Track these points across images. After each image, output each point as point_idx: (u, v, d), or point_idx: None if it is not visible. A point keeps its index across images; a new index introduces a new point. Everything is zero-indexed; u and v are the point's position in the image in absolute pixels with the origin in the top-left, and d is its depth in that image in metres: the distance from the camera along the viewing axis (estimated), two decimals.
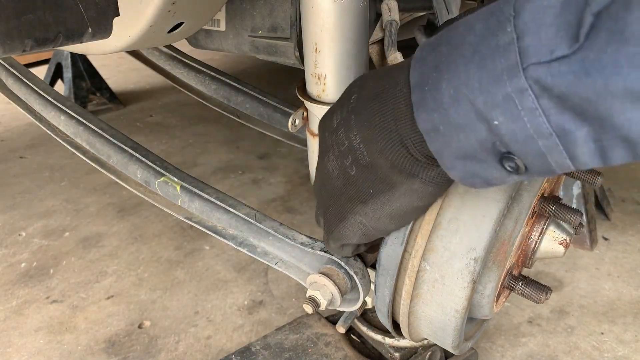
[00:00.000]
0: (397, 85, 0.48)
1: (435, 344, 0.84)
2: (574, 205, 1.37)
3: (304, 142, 0.92)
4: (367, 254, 0.72)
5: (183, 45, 1.02)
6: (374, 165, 0.51)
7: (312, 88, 0.69)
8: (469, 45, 0.39)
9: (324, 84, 0.67)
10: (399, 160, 0.49)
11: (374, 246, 0.67)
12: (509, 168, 0.41)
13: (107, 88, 2.56)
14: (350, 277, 0.69)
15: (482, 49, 0.38)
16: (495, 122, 0.39)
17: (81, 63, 2.45)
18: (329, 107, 0.61)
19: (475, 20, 0.40)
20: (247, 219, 0.78)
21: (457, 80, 0.40)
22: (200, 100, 1.13)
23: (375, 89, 0.50)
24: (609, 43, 0.32)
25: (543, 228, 0.64)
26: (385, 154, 0.49)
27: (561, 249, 0.65)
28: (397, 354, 0.86)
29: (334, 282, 0.67)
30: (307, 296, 0.69)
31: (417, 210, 0.56)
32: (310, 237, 0.75)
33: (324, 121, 0.57)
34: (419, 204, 0.54)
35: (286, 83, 2.69)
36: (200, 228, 0.83)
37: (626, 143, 0.35)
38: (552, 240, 0.65)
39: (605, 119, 0.34)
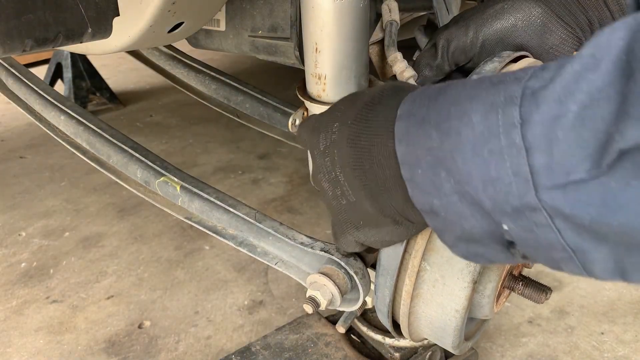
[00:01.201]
0: (376, 145, 0.45)
1: (436, 344, 0.84)
2: None
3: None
4: (367, 254, 0.72)
5: (183, 45, 1.01)
6: (359, 205, 0.51)
7: (312, 88, 0.69)
8: (466, 141, 0.36)
9: (324, 84, 0.67)
10: (382, 211, 0.49)
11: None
12: (515, 254, 0.39)
13: (107, 88, 2.56)
14: (350, 277, 0.69)
15: (483, 152, 0.35)
16: (505, 227, 0.36)
17: (81, 63, 2.45)
18: (329, 107, 0.60)
19: (470, 106, 0.36)
20: (247, 218, 0.78)
21: (458, 175, 0.37)
22: (200, 100, 1.13)
23: (354, 134, 0.48)
24: (634, 177, 0.29)
25: None
26: (370, 202, 0.49)
27: None
28: (397, 354, 0.86)
29: (334, 282, 0.67)
30: (307, 296, 0.69)
31: (407, 238, 0.58)
32: (310, 237, 0.75)
33: (311, 138, 0.55)
34: (406, 237, 0.56)
35: (286, 83, 2.69)
36: (200, 228, 0.83)
37: None
38: None
39: (628, 248, 0.32)
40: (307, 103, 0.71)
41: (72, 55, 2.40)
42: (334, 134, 0.51)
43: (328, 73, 0.66)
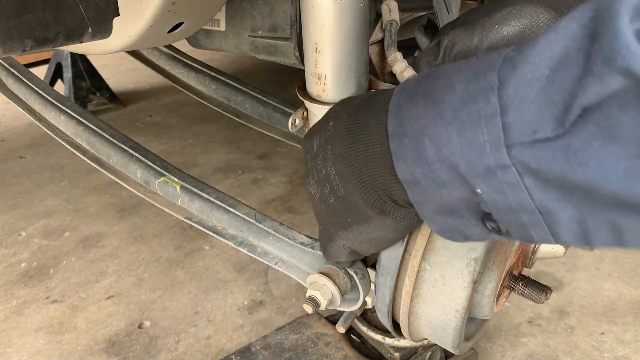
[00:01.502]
0: (370, 124, 0.47)
1: (436, 344, 0.84)
2: None
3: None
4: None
5: (183, 45, 1.01)
6: (348, 198, 0.52)
7: (312, 88, 0.69)
8: (448, 106, 0.38)
9: (324, 84, 0.67)
10: (370, 199, 0.49)
11: None
12: (490, 227, 0.41)
13: (107, 88, 2.56)
14: (350, 277, 0.69)
15: (462, 115, 0.37)
16: (478, 190, 0.38)
17: (81, 63, 2.45)
18: (329, 107, 0.61)
19: (455, 77, 0.39)
20: (247, 218, 0.78)
21: (439, 141, 0.38)
22: (200, 100, 1.13)
23: (349, 122, 0.50)
24: (596, 137, 0.31)
25: None
26: (358, 190, 0.50)
27: (561, 249, 0.65)
28: (397, 354, 0.86)
29: (334, 282, 0.67)
30: (307, 296, 0.69)
31: (393, 240, 0.57)
32: (310, 237, 0.75)
33: (306, 142, 0.57)
34: (393, 235, 0.55)
35: (286, 83, 2.69)
36: (200, 228, 0.83)
37: (612, 228, 0.34)
38: None
39: (591, 205, 0.33)
40: (307, 103, 0.71)
41: (72, 55, 2.40)
42: (328, 132, 0.52)
43: (328, 73, 0.66)
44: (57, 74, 2.48)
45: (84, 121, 0.97)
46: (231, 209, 0.80)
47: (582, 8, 0.32)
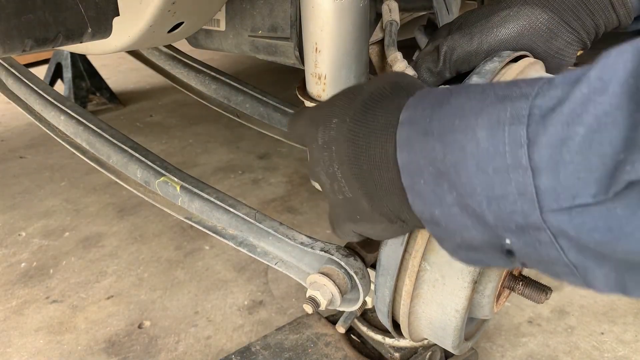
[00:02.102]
0: (373, 148, 0.45)
1: (436, 344, 0.84)
2: None
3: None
4: (367, 254, 0.72)
5: (183, 45, 1.01)
6: (356, 201, 0.51)
7: (312, 88, 0.69)
8: (471, 157, 0.35)
9: (324, 83, 0.67)
10: (378, 210, 0.49)
11: (374, 246, 0.67)
12: (516, 262, 0.39)
13: (107, 88, 2.56)
14: (350, 277, 0.69)
15: (488, 169, 0.34)
16: (507, 241, 0.36)
17: (81, 63, 2.45)
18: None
19: (475, 122, 0.36)
20: (247, 218, 0.78)
21: (461, 189, 0.36)
22: (200, 100, 1.13)
23: (353, 133, 0.47)
24: None
25: None
26: (366, 200, 0.49)
27: None
28: (397, 354, 0.86)
29: (334, 282, 0.67)
30: (307, 296, 0.69)
31: (402, 234, 0.58)
32: (310, 237, 0.75)
33: (309, 131, 0.55)
34: (400, 234, 0.56)
35: (286, 83, 2.69)
36: (200, 228, 0.83)
37: None
38: None
39: (630, 269, 0.32)
40: (307, 103, 0.71)
41: (72, 55, 2.40)
42: (332, 130, 0.50)
43: (328, 73, 0.66)
44: (57, 74, 2.48)
45: (84, 121, 0.97)
46: (231, 209, 0.80)
47: (618, 56, 0.29)
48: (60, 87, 2.48)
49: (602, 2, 0.60)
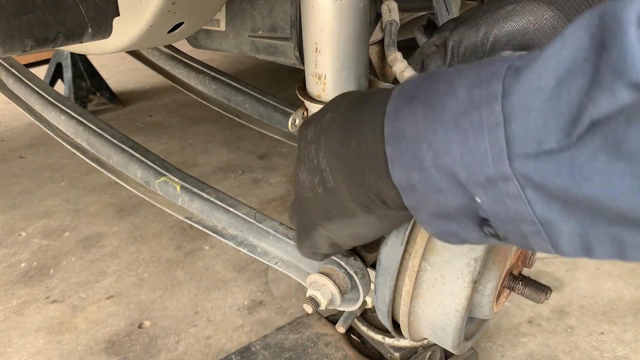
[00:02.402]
0: (364, 123, 0.47)
1: (435, 344, 0.84)
2: None
3: None
4: (367, 254, 0.72)
5: (183, 45, 1.01)
6: (337, 191, 0.52)
7: (312, 88, 0.69)
8: (449, 113, 0.37)
9: (324, 84, 0.67)
10: (357, 195, 0.49)
11: (374, 246, 0.67)
12: (488, 232, 0.40)
13: (107, 88, 2.56)
14: (350, 277, 0.69)
15: (464, 123, 0.36)
16: (477, 199, 0.37)
17: (81, 63, 2.45)
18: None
19: (457, 82, 0.38)
20: (247, 218, 0.78)
21: (438, 147, 0.38)
22: (200, 100, 1.13)
23: (345, 117, 0.49)
24: (602, 151, 0.30)
25: None
26: (346, 185, 0.50)
27: None
28: (397, 354, 0.86)
29: (333, 281, 0.67)
30: (307, 296, 0.69)
31: (376, 236, 0.57)
32: None
33: (302, 130, 0.57)
34: (375, 233, 0.55)
35: (286, 83, 2.69)
36: (200, 228, 0.83)
37: (615, 242, 0.33)
38: None
39: (593, 219, 0.33)
40: (307, 103, 0.71)
41: (72, 55, 2.40)
42: (325, 122, 0.52)
43: (328, 73, 0.66)
44: (57, 74, 2.48)
45: (84, 121, 0.97)
46: (231, 209, 0.80)
47: (589, 15, 0.31)
48: (60, 87, 2.48)
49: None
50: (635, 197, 0.30)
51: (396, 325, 0.70)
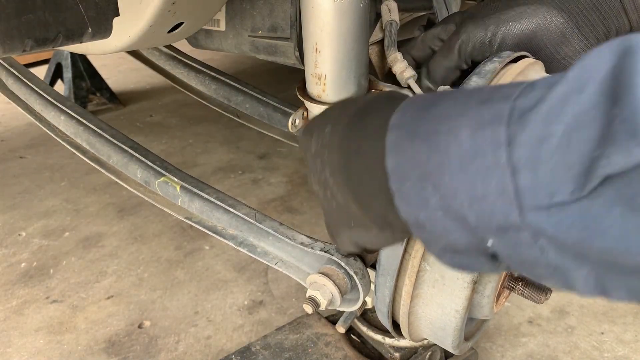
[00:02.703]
0: (364, 152, 0.46)
1: (435, 344, 0.84)
2: None
3: None
4: (367, 254, 0.72)
5: (183, 45, 1.01)
6: (348, 207, 0.51)
7: (312, 88, 0.69)
8: (454, 158, 0.36)
9: (324, 84, 0.67)
10: (369, 215, 0.49)
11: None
12: (501, 266, 0.40)
13: (107, 88, 2.56)
14: (350, 277, 0.69)
15: (470, 169, 0.35)
16: (489, 244, 0.36)
17: (81, 63, 2.45)
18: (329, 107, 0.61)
19: (459, 123, 0.36)
20: (247, 219, 0.78)
21: (444, 190, 0.37)
22: (200, 100, 1.13)
23: (345, 140, 0.48)
24: (616, 203, 0.29)
25: None
26: (357, 205, 0.49)
27: None
28: (397, 354, 0.86)
29: (333, 282, 0.67)
30: (307, 296, 0.69)
31: (396, 243, 0.58)
32: (310, 237, 0.75)
33: (304, 141, 0.56)
34: (395, 242, 0.56)
35: (286, 83, 2.69)
36: (200, 228, 0.83)
37: (630, 291, 0.33)
38: None
39: (609, 269, 0.32)
40: (307, 103, 0.71)
41: (72, 55, 2.40)
42: (325, 137, 0.51)
43: (328, 73, 0.66)
44: (57, 74, 2.48)
45: (84, 121, 0.97)
46: (231, 209, 0.80)
47: (597, 57, 0.30)
48: (60, 87, 2.48)
49: (615, 7, 0.60)
50: None
51: (396, 325, 0.70)
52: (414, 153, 0.39)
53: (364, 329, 0.89)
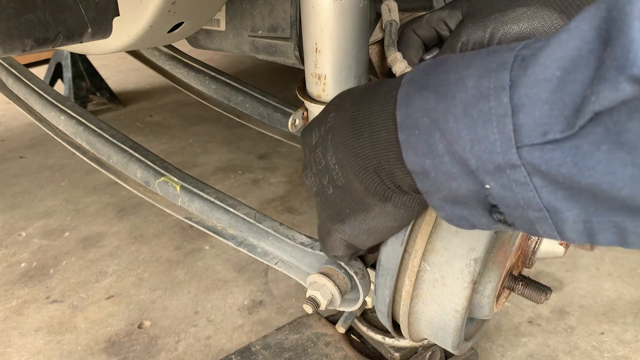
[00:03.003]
0: (374, 112, 0.47)
1: (435, 344, 0.84)
2: None
3: None
4: (367, 254, 0.72)
5: (183, 45, 1.02)
6: (348, 186, 0.52)
7: (312, 88, 0.69)
8: (459, 103, 0.38)
9: (324, 84, 0.67)
10: (372, 185, 0.50)
11: (374, 246, 0.67)
12: (496, 218, 0.41)
13: (107, 88, 2.56)
14: (350, 277, 0.69)
15: (473, 112, 0.37)
16: (487, 186, 0.38)
17: (81, 63, 2.45)
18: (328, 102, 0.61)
19: (466, 72, 0.39)
20: (247, 219, 0.78)
21: (449, 135, 0.39)
22: (200, 100, 1.13)
23: (352, 111, 0.50)
24: (604, 141, 0.31)
25: None
26: (359, 177, 0.50)
27: (561, 249, 0.65)
28: (397, 354, 0.86)
29: (333, 282, 0.67)
30: (307, 296, 0.69)
31: (392, 230, 0.57)
32: (310, 237, 0.75)
33: (304, 137, 0.57)
34: (393, 224, 0.55)
35: (286, 83, 2.69)
36: (200, 228, 0.83)
37: (617, 229, 0.35)
38: (552, 241, 0.65)
39: (597, 207, 0.34)
40: (307, 103, 0.71)
41: (72, 55, 2.40)
42: (329, 123, 0.52)
43: (328, 73, 0.66)
44: (57, 74, 2.48)
45: (84, 121, 0.97)
46: (231, 209, 0.80)
47: (595, 8, 0.32)
48: (60, 87, 2.48)
49: None
50: (636, 185, 0.31)
51: (396, 325, 0.70)
52: (423, 102, 0.41)
53: (364, 329, 0.89)
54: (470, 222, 0.44)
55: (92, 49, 0.72)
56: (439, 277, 0.61)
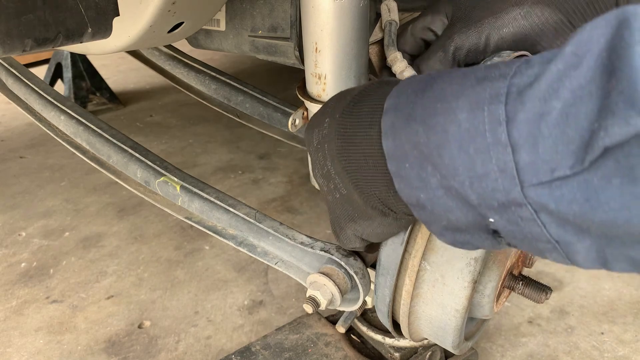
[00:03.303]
0: (359, 135, 0.46)
1: (436, 344, 0.84)
2: None
3: (303, 142, 0.92)
4: (367, 254, 0.72)
5: (183, 45, 1.01)
6: (350, 197, 0.52)
7: (312, 88, 0.69)
8: (453, 139, 0.36)
9: (324, 83, 0.67)
10: (370, 201, 0.50)
11: (374, 246, 0.68)
12: (501, 241, 0.40)
13: (107, 88, 2.56)
14: (350, 277, 0.69)
15: (469, 149, 0.35)
16: (490, 219, 0.37)
17: (81, 63, 2.45)
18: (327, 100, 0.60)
19: (455, 103, 0.36)
20: (247, 218, 0.78)
21: (444, 170, 0.37)
22: (200, 100, 1.13)
23: (341, 126, 0.49)
24: (615, 174, 0.29)
25: None
26: (357, 192, 0.50)
27: None
28: (397, 354, 0.86)
29: (334, 281, 0.67)
30: (307, 296, 0.69)
31: (399, 232, 0.58)
32: (310, 237, 0.75)
33: (307, 136, 0.57)
34: (398, 230, 0.56)
35: (286, 83, 2.69)
36: (200, 228, 0.83)
37: (632, 261, 0.33)
38: None
39: (610, 241, 0.32)
40: (307, 103, 0.71)
41: (72, 55, 2.40)
42: (324, 129, 0.52)
43: (328, 73, 0.66)
44: (57, 74, 2.48)
45: (84, 121, 0.97)
46: (231, 209, 0.80)
47: (591, 31, 0.30)
48: (60, 87, 2.48)
49: (609, 5, 0.60)
50: None
51: (396, 325, 0.70)
52: (411, 135, 0.39)
53: (364, 329, 0.89)
54: (475, 245, 0.42)
55: (92, 49, 0.72)
56: (439, 277, 0.61)
